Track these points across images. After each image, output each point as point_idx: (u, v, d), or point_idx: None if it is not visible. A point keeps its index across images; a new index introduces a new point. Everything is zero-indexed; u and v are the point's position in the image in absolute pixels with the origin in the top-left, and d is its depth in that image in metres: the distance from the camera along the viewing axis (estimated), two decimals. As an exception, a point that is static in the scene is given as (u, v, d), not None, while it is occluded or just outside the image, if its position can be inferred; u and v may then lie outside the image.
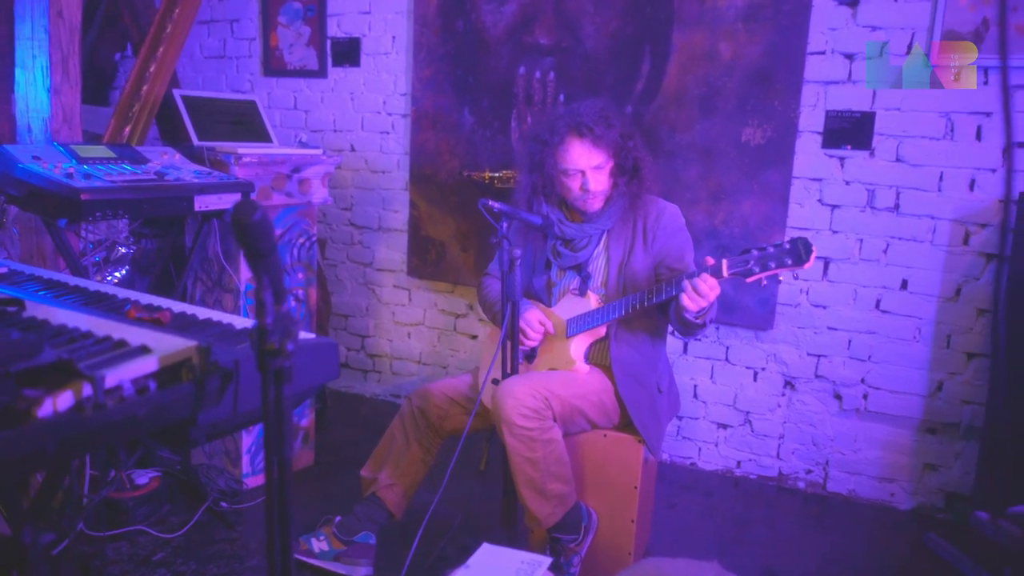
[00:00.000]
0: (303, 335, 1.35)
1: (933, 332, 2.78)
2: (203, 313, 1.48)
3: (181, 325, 1.38)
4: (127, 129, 2.96)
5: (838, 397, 2.95)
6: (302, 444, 3.00)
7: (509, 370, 2.10)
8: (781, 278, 1.95)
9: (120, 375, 1.01)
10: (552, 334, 2.26)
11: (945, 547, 2.49)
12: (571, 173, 2.21)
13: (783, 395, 3.03)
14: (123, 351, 1.08)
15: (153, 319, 1.38)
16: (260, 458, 2.83)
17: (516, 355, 2.10)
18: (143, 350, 1.08)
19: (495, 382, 2.17)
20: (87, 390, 0.97)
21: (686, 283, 1.95)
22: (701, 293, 1.94)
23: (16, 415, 0.92)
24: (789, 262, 1.91)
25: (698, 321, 2.03)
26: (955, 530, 2.74)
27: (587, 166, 2.18)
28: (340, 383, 3.95)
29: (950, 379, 2.78)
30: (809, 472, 3.03)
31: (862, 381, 2.90)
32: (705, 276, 1.95)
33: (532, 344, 2.26)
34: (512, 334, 2.06)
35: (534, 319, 2.24)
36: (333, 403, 3.72)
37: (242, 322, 1.40)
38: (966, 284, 2.71)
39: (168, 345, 1.10)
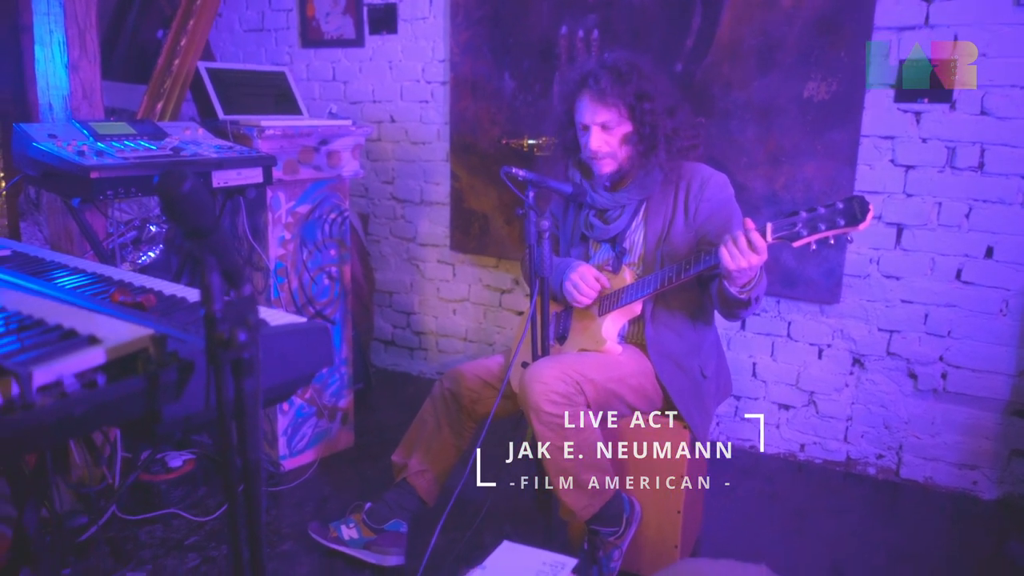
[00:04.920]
0: (290, 319, 1.23)
1: (1023, 305, 2.49)
2: (195, 295, 1.37)
3: (164, 310, 1.27)
4: (159, 105, 2.89)
5: (913, 376, 2.69)
6: (340, 425, 2.92)
7: (540, 351, 1.94)
8: (832, 241, 1.72)
9: (58, 370, 0.90)
10: (608, 288, 2.07)
11: None
12: (579, 128, 2.06)
13: (851, 374, 2.79)
14: (69, 342, 0.97)
15: (136, 303, 1.27)
16: (296, 439, 2.76)
17: (547, 335, 1.94)
18: (91, 341, 0.97)
19: (524, 365, 2.02)
20: (15, 388, 0.87)
21: (726, 237, 1.75)
22: (740, 248, 1.71)
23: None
24: (842, 223, 1.68)
25: (743, 296, 1.82)
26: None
27: (591, 122, 2.00)
28: (387, 361, 3.87)
29: (1042, 357, 2.49)
30: (880, 457, 2.79)
31: (940, 359, 2.63)
32: (741, 235, 1.73)
33: (586, 302, 2.06)
34: (541, 312, 1.90)
35: (589, 274, 2.05)
36: (378, 382, 3.64)
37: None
38: (1062, 250, 2.41)
39: (120, 334, 0.98)
